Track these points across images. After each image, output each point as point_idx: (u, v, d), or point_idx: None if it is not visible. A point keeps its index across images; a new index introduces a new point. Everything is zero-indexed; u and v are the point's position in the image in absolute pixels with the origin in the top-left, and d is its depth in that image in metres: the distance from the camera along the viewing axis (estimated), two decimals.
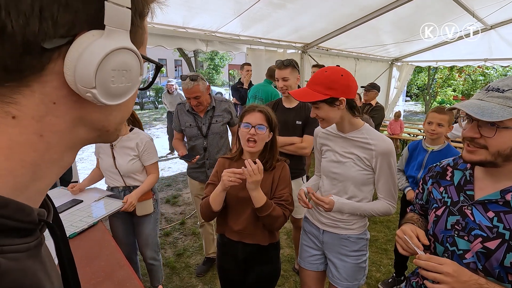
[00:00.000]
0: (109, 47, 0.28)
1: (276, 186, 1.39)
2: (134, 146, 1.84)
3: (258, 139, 1.34)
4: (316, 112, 1.28)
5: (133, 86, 0.33)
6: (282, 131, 2.10)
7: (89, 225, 1.44)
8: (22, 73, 0.26)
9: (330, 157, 1.39)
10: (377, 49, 6.54)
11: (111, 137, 0.37)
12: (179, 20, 3.80)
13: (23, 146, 0.27)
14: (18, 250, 0.27)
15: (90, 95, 0.29)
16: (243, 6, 3.68)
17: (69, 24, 0.26)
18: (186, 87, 2.03)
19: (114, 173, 1.86)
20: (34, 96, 0.27)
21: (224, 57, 18.25)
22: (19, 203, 0.27)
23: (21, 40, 0.25)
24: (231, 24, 4.13)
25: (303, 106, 2.14)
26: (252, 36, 4.69)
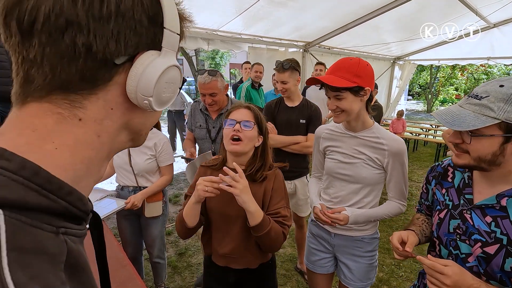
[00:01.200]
0: (166, 64, 0.36)
1: (270, 200, 1.19)
2: (152, 145, 1.83)
3: (243, 137, 1.14)
4: (337, 103, 1.16)
5: (174, 96, 0.40)
6: (286, 130, 2.09)
7: None
8: (95, 83, 0.32)
9: (337, 158, 1.34)
10: (379, 47, 6.51)
11: (141, 140, 0.43)
12: None
13: (85, 144, 0.33)
14: (76, 235, 0.32)
15: (146, 102, 0.35)
16: (245, 5, 3.66)
17: (135, 45, 0.33)
18: (203, 81, 1.83)
19: (127, 171, 1.85)
20: (98, 102, 0.33)
21: (224, 56, 18.22)
22: (79, 193, 0.32)
23: (101, 57, 0.31)
24: (233, 22, 4.12)
25: (306, 104, 2.12)
26: (253, 34, 4.67)
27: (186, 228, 1.13)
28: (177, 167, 5.38)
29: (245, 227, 1.12)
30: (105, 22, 0.30)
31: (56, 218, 0.30)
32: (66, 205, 0.30)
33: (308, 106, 2.12)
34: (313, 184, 1.54)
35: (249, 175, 1.15)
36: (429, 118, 13.12)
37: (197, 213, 1.13)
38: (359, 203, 1.34)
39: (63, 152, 0.32)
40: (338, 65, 1.17)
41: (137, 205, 1.74)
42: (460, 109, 0.83)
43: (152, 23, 0.34)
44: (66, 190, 0.30)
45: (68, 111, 0.32)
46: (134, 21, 0.32)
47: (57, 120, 0.32)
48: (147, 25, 0.34)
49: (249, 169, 1.18)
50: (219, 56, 18.43)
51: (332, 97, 1.18)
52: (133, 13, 0.32)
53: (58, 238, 0.29)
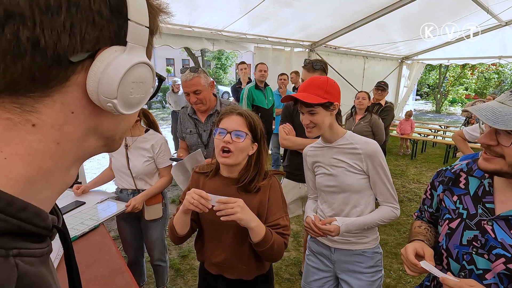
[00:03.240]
0: (132, 61, 0.31)
1: (267, 211, 1.12)
2: (150, 147, 1.80)
3: (234, 148, 1.06)
4: (311, 118, 1.23)
5: (146, 97, 0.36)
6: (305, 133, 2.05)
7: (90, 228, 1.42)
8: (48, 84, 0.28)
9: (322, 172, 1.35)
10: (386, 47, 6.40)
11: (116, 145, 0.40)
12: (185, 19, 3.77)
13: (41, 153, 0.29)
14: (34, 255, 0.28)
15: (110, 105, 0.31)
16: (250, 5, 3.63)
17: (95, 40, 0.29)
18: (185, 78, 1.71)
19: (126, 174, 1.83)
20: (54, 105, 0.29)
21: (230, 56, 18.25)
22: (36, 208, 0.28)
23: (51, 54, 0.27)
24: (238, 22, 4.09)
25: None
26: (259, 34, 4.64)
27: (177, 236, 1.09)
28: None
29: (237, 237, 1.08)
30: (54, 13, 0.26)
31: (7, 238, 0.26)
32: (18, 223, 0.26)
33: None
34: (309, 204, 1.51)
35: (242, 186, 1.10)
36: (438, 119, 12.89)
37: (187, 223, 1.08)
38: (352, 213, 1.31)
39: (14, 162, 0.28)
40: (310, 83, 1.23)
41: (138, 208, 1.72)
42: (501, 105, 0.73)
43: (115, 14, 0.30)
44: (18, 206, 0.26)
45: (19, 116, 0.28)
46: (91, 12, 0.28)
47: (6, 127, 0.28)
48: (109, 16, 0.29)
49: (242, 178, 1.11)
50: (225, 57, 18.46)
51: (306, 113, 1.23)
52: (90, 3, 0.28)
53: (6, 263, 0.25)
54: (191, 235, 1.15)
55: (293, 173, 2.11)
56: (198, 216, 1.16)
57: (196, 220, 1.16)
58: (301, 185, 2.17)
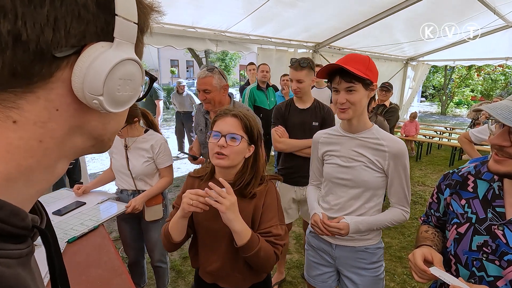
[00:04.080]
0: (118, 57, 0.30)
1: (261, 217, 1.07)
2: (149, 147, 1.79)
3: (229, 152, 1.02)
4: (348, 96, 1.12)
5: (134, 95, 0.35)
6: (299, 134, 2.01)
7: (89, 229, 1.40)
8: (30, 79, 0.27)
9: (336, 162, 1.28)
10: (391, 48, 6.35)
11: (105, 146, 0.38)
12: (188, 20, 3.77)
13: (22, 150, 0.28)
14: (11, 256, 0.27)
15: (96, 102, 0.30)
16: (253, 5, 3.61)
17: (80, 35, 0.28)
18: (199, 75, 1.79)
19: (125, 174, 1.82)
20: (38, 102, 0.28)
21: (234, 57, 18.27)
22: (14, 207, 0.27)
23: (34, 48, 0.26)
24: (241, 23, 4.08)
25: (318, 106, 2.04)
26: (262, 35, 4.62)
27: (172, 242, 1.05)
28: (185, 168, 5.36)
29: (232, 245, 1.03)
30: (37, 5, 0.25)
31: None
32: None
33: (321, 108, 2.04)
34: (312, 192, 1.46)
35: (237, 190, 1.05)
36: (443, 121, 12.75)
37: (184, 228, 1.04)
38: (360, 209, 1.26)
39: None
40: (351, 58, 1.14)
41: (138, 209, 1.70)
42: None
43: (102, 9, 0.29)
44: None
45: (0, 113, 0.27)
46: (76, 5, 0.27)
47: None
48: (95, 11, 0.28)
49: (238, 182, 1.07)
50: (229, 58, 18.49)
51: (343, 90, 1.13)
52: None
53: None
54: (186, 241, 1.12)
55: (289, 176, 2.07)
56: (192, 222, 1.12)
57: (191, 226, 1.12)
58: (297, 188, 2.12)
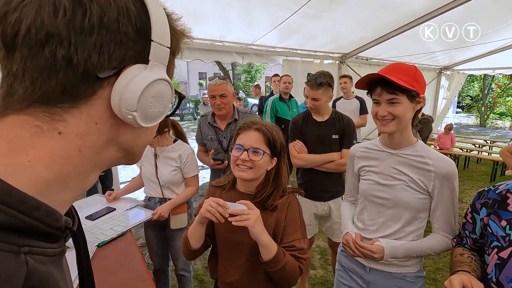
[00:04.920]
0: (151, 78, 0.34)
1: (283, 230, 1.05)
2: (177, 157, 1.86)
3: (251, 165, 1.03)
4: (390, 108, 1.03)
5: (164, 112, 0.38)
6: (318, 147, 1.96)
7: (118, 234, 1.46)
8: (77, 97, 0.31)
9: (373, 178, 1.19)
10: (423, 57, 6.10)
11: (135, 158, 0.42)
12: (216, 34, 3.91)
13: (62, 159, 0.31)
14: (45, 254, 0.29)
15: (130, 117, 0.34)
16: (279, 19, 3.67)
17: (121, 58, 0.32)
18: (214, 83, 1.94)
19: (154, 182, 1.89)
20: (81, 116, 0.32)
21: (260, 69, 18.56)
22: (50, 208, 0.29)
23: (82, 70, 0.30)
24: (267, 36, 4.15)
25: (337, 117, 1.99)
26: (288, 47, 4.66)
27: (190, 249, 1.06)
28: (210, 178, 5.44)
29: (252, 257, 1.02)
30: (87, 34, 0.30)
31: (19, 235, 0.27)
32: (30, 221, 0.27)
33: (340, 119, 1.98)
34: (346, 208, 1.38)
35: (259, 202, 1.05)
36: (482, 133, 11.89)
37: (201, 235, 1.04)
38: (399, 233, 1.16)
39: (36, 165, 0.30)
40: (394, 67, 1.05)
41: (164, 216, 1.75)
42: None
43: (140, 36, 0.33)
44: (32, 205, 0.28)
45: (48, 124, 0.31)
46: (119, 33, 0.31)
47: (34, 133, 0.30)
48: (134, 37, 0.33)
49: (259, 194, 1.06)
50: (255, 70, 18.81)
51: (384, 102, 1.04)
52: (119, 25, 0.31)
53: (17, 259, 0.26)
54: (204, 251, 1.12)
55: (309, 190, 2.00)
56: (213, 231, 1.13)
57: (211, 236, 1.12)
58: (318, 203, 2.04)
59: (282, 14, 3.55)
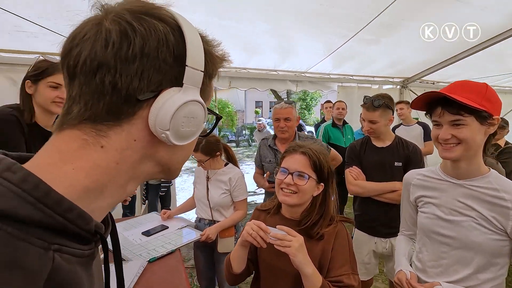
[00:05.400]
0: (183, 100, 0.37)
1: (330, 263, 0.97)
2: (227, 180, 1.91)
3: (296, 189, 1.00)
4: (454, 131, 0.90)
5: (197, 131, 0.41)
6: (377, 175, 1.80)
7: (167, 252, 1.52)
8: (120, 116, 0.35)
9: (433, 212, 1.04)
10: (503, 78, 5.36)
11: (172, 174, 0.44)
12: (270, 64, 4.07)
13: (102, 169, 0.35)
14: (73, 254, 0.32)
15: (164, 136, 0.37)
16: (334, 46, 3.67)
17: (158, 83, 0.36)
18: (280, 107, 2.06)
19: (204, 204, 1.96)
20: (122, 133, 0.36)
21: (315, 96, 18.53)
22: (82, 211, 0.32)
23: (125, 93, 0.34)
24: (321, 63, 4.16)
25: (401, 143, 1.81)
26: (343, 74, 4.59)
27: (232, 273, 1.03)
28: None
29: (296, 286, 0.95)
30: (130, 62, 0.34)
31: (51, 233, 0.30)
32: (63, 221, 0.30)
33: (404, 145, 1.80)
34: (402, 243, 1.22)
35: (303, 229, 0.99)
36: None
37: (243, 258, 1.02)
38: (471, 280, 0.96)
39: (79, 173, 0.34)
40: (460, 84, 0.93)
41: (211, 238, 1.77)
42: None
43: (177, 62, 0.36)
44: (66, 206, 0.30)
45: (93, 138, 0.35)
46: (158, 60, 0.35)
47: (81, 145, 0.35)
48: (172, 63, 0.36)
49: (304, 221, 1.02)
50: (310, 98, 18.84)
51: (447, 124, 0.91)
52: (158, 53, 0.35)
53: (45, 255, 0.29)
54: (247, 277, 1.08)
55: (367, 224, 1.82)
56: (256, 257, 1.09)
57: (254, 262, 1.09)
58: (377, 239, 1.82)
59: (337, 41, 3.54)
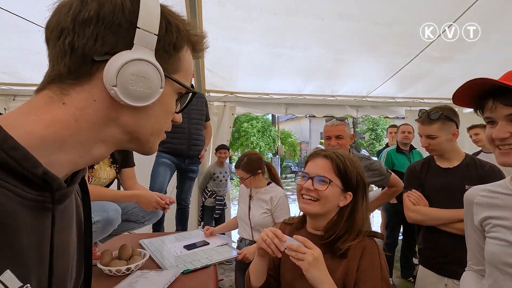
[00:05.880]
0: (129, 57, 0.38)
1: (355, 285, 0.83)
2: (268, 199, 1.87)
3: (317, 196, 0.89)
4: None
5: (153, 94, 0.41)
6: (443, 201, 1.50)
7: (201, 266, 1.51)
8: (79, 76, 0.39)
9: (505, 237, 0.80)
10: None
11: (144, 147, 0.46)
12: (327, 90, 4.00)
13: (60, 123, 0.38)
14: (13, 191, 0.33)
15: (113, 92, 0.38)
16: (396, 66, 3.43)
17: (113, 45, 0.38)
18: (331, 124, 1.89)
19: (246, 223, 1.93)
20: (83, 93, 0.39)
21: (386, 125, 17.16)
22: (27, 153, 0.34)
23: (81, 53, 0.38)
24: (384, 86, 3.90)
25: (473, 163, 1.49)
26: (411, 96, 4.20)
27: (250, 287, 0.94)
28: None
29: None
30: (87, 25, 0.37)
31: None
32: (5, 157, 0.32)
33: (478, 165, 1.47)
34: (469, 280, 0.95)
35: (326, 244, 0.87)
36: None
37: (262, 271, 0.92)
38: None
39: (38, 124, 0.37)
40: None
41: (249, 258, 1.69)
42: None
43: (131, 25, 0.39)
44: (11, 145, 0.33)
45: (58, 96, 0.39)
46: (113, 24, 0.38)
47: (47, 102, 0.39)
48: (127, 28, 0.39)
49: (327, 235, 0.90)
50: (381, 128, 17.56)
51: (502, 119, 0.74)
52: (113, 18, 0.38)
53: None
54: None
55: (435, 260, 1.49)
56: (278, 273, 0.99)
57: (276, 278, 0.99)
58: (448, 280, 1.45)
59: (400, 60, 3.30)
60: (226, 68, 3.37)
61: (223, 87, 3.71)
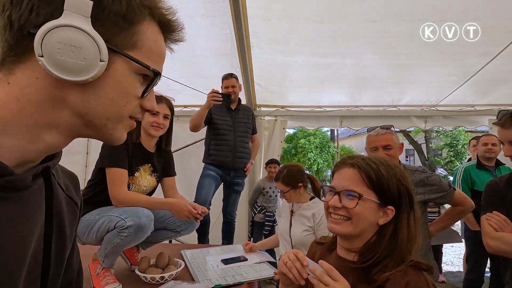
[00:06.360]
0: (56, 23, 0.35)
1: None
2: (310, 216, 1.73)
3: (347, 214, 0.75)
4: None
5: (90, 67, 0.37)
6: None
7: (233, 283, 1.43)
8: (19, 51, 0.36)
9: None
10: None
11: (100, 132, 0.42)
12: (387, 99, 3.64)
13: (3, 103, 0.36)
14: None
15: (41, 63, 0.35)
16: (472, 68, 2.94)
17: (49, 15, 0.36)
18: (375, 133, 1.67)
19: (286, 240, 1.81)
20: (26, 70, 0.37)
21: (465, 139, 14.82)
22: None
23: (17, 26, 0.35)
24: (457, 92, 3.38)
25: None
26: (494, 103, 3.53)
27: None
28: None
29: None
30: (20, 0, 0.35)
31: None
32: None
33: None
34: None
35: (360, 271, 0.71)
36: None
37: None
38: None
39: None
40: None
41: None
42: None
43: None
44: None
45: (4, 76, 0.37)
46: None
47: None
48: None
49: (362, 259, 0.73)
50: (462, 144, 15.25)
51: None
52: None
53: None
54: None
55: None
56: None
57: None
58: None
59: (476, 61, 2.83)
60: (276, 82, 3.36)
61: (274, 101, 3.69)
